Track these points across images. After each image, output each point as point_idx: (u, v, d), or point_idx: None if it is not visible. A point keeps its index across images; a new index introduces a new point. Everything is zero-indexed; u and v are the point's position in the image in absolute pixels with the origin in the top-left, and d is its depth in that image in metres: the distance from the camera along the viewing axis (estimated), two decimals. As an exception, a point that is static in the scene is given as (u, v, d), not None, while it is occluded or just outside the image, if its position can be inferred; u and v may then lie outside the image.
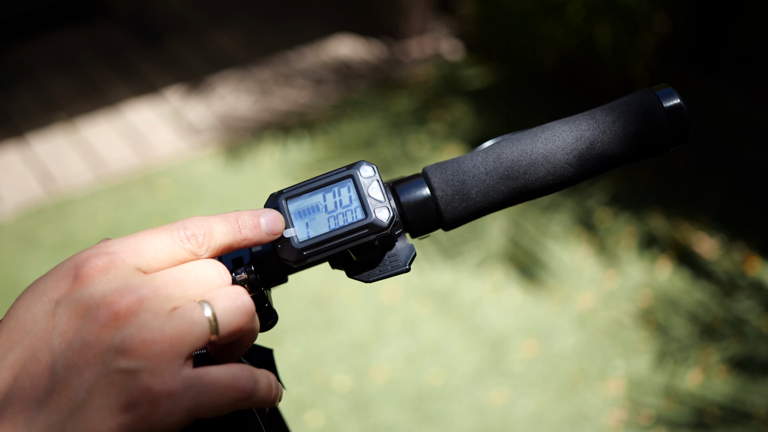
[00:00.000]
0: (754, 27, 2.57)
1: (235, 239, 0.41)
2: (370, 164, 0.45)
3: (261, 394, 0.38)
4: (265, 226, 0.42)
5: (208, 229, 0.40)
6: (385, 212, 0.44)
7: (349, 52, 3.54)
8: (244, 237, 0.41)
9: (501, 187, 0.48)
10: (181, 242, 0.39)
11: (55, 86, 3.38)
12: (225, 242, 0.41)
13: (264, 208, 0.43)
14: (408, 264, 0.46)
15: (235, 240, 0.41)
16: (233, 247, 0.41)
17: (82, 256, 0.37)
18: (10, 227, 2.69)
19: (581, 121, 0.48)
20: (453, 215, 0.48)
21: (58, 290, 0.36)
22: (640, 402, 2.00)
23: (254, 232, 0.42)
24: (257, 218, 0.42)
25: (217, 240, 0.40)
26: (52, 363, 0.34)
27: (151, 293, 0.36)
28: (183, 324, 0.35)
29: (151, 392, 0.34)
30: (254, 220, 0.42)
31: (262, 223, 0.42)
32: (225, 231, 0.41)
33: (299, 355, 2.17)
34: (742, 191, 2.63)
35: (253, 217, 0.42)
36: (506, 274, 2.38)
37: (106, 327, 0.34)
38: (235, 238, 0.41)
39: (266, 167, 2.87)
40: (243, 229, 0.41)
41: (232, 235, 0.41)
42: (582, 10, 2.65)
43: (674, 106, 0.47)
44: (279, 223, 0.43)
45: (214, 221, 0.41)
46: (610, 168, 0.49)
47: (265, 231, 0.42)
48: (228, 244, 0.41)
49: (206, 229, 0.40)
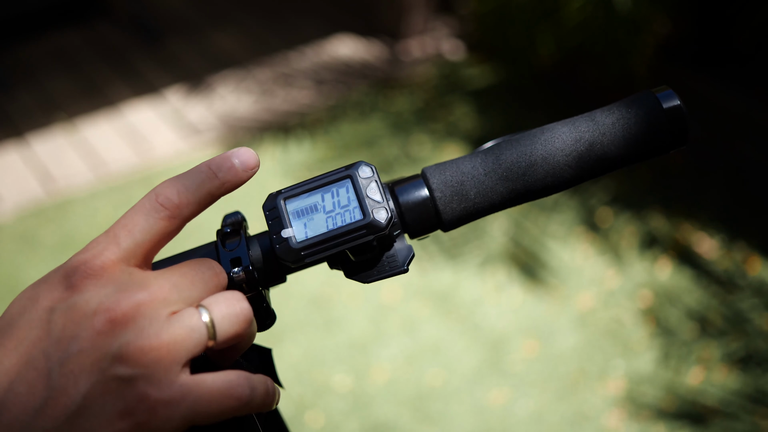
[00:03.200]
0: (755, 27, 2.57)
1: (212, 185, 0.40)
2: (368, 165, 0.45)
3: (258, 401, 0.38)
4: (239, 163, 0.41)
5: (180, 186, 0.39)
6: (384, 213, 0.44)
7: (349, 52, 3.54)
8: (222, 181, 0.40)
9: (500, 188, 0.48)
10: (156, 213, 0.38)
11: (55, 86, 3.38)
12: (203, 192, 0.40)
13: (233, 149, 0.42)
14: (406, 265, 0.46)
15: (213, 186, 0.40)
16: (214, 195, 0.40)
17: (74, 261, 0.37)
18: (10, 227, 2.69)
19: (580, 122, 0.48)
20: (451, 216, 0.48)
21: (53, 296, 0.36)
22: (640, 402, 2.00)
23: (231, 173, 0.40)
24: (229, 158, 0.40)
25: (194, 193, 0.39)
26: (48, 370, 0.34)
27: (147, 298, 0.35)
28: (180, 330, 0.35)
29: (148, 400, 0.33)
30: (227, 161, 0.40)
31: (235, 162, 0.41)
32: (200, 181, 0.40)
33: (299, 355, 2.17)
34: (742, 191, 2.63)
35: (225, 158, 0.40)
36: (506, 273, 2.38)
37: (102, 334, 0.34)
38: (213, 184, 0.40)
39: (266, 167, 2.87)
40: (218, 173, 0.40)
41: (208, 182, 0.40)
42: (582, 11, 2.65)
43: (674, 107, 0.47)
44: (252, 157, 0.41)
45: (186, 175, 0.40)
46: (609, 170, 0.48)
47: (240, 168, 0.41)
48: (207, 192, 0.40)
49: (178, 186, 0.39)
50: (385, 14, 3.56)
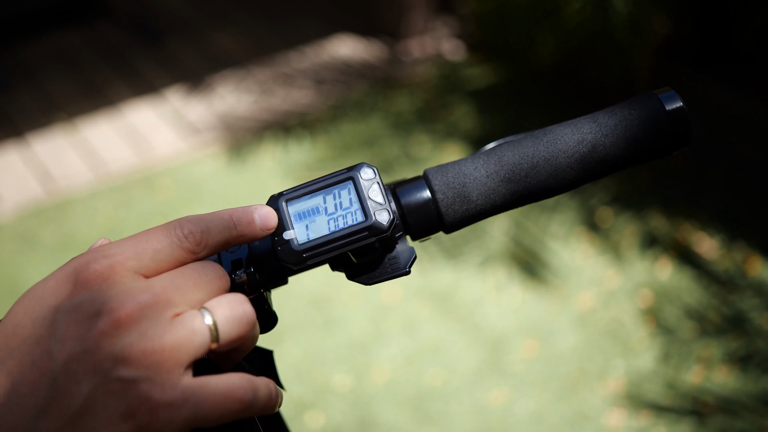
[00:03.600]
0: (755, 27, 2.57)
1: (231, 236, 0.41)
2: (370, 166, 0.45)
3: (260, 404, 0.38)
4: (260, 221, 0.42)
5: (204, 226, 0.40)
6: (386, 215, 0.44)
7: (349, 52, 3.54)
8: (240, 233, 0.41)
9: (502, 190, 0.48)
10: (179, 242, 0.39)
11: (55, 86, 3.38)
12: (221, 239, 0.41)
13: (257, 204, 0.43)
14: (408, 266, 0.46)
15: (231, 236, 0.41)
16: (230, 244, 0.41)
17: (81, 261, 0.37)
18: (10, 227, 2.69)
19: (583, 124, 0.48)
20: (454, 218, 0.48)
21: (58, 296, 0.36)
22: (640, 402, 2.00)
23: (249, 228, 0.42)
24: (251, 214, 0.42)
25: (214, 237, 0.40)
26: (51, 370, 0.34)
27: (151, 300, 0.35)
28: (183, 333, 0.35)
29: (150, 402, 0.33)
30: (248, 216, 0.42)
31: (256, 219, 0.42)
32: (221, 228, 0.41)
33: (299, 355, 2.17)
34: (742, 191, 2.63)
35: (247, 213, 0.42)
36: (507, 273, 2.38)
37: (106, 335, 0.34)
38: (231, 235, 0.41)
39: (267, 167, 2.87)
40: (238, 225, 0.41)
41: (228, 231, 0.41)
42: (582, 11, 2.65)
43: (677, 109, 0.47)
44: (272, 218, 0.43)
45: (210, 218, 0.41)
46: (612, 171, 0.48)
47: (259, 227, 0.42)
48: (225, 240, 0.41)
49: (203, 226, 0.40)
50: (385, 14, 3.56)
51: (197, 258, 0.40)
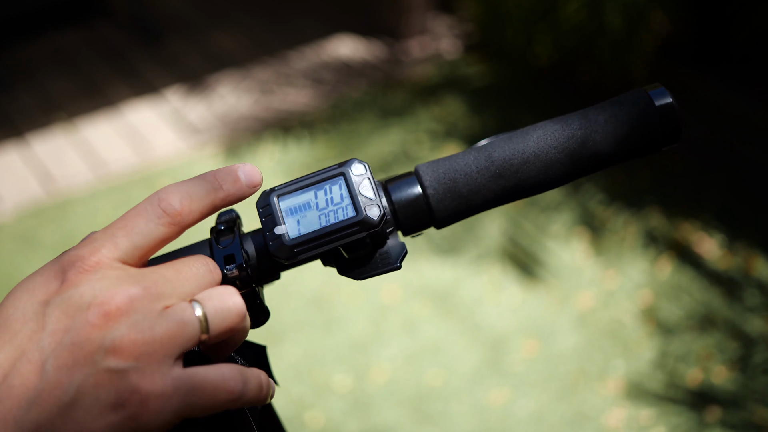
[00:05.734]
0: (755, 27, 2.56)
1: (217, 197, 0.40)
2: (361, 162, 0.45)
3: (251, 394, 0.38)
4: (245, 178, 0.42)
5: (184, 192, 0.39)
6: (376, 210, 0.44)
7: (349, 52, 3.54)
8: (227, 193, 0.41)
9: (492, 185, 0.48)
10: (157, 218, 0.38)
11: (55, 86, 3.38)
12: (206, 202, 0.40)
13: (239, 163, 0.43)
14: (399, 261, 0.46)
15: (217, 197, 0.40)
16: (216, 206, 0.41)
17: (70, 255, 0.37)
18: (10, 227, 2.69)
19: (573, 119, 0.48)
20: (444, 213, 0.48)
21: (48, 290, 0.36)
22: (640, 402, 2.00)
23: (235, 186, 0.41)
24: (235, 172, 0.41)
25: (198, 202, 0.40)
26: (41, 362, 0.34)
27: (141, 292, 0.35)
28: (173, 324, 0.35)
29: (140, 392, 0.34)
30: (233, 174, 0.41)
31: (241, 176, 0.41)
32: (204, 190, 0.40)
33: (299, 355, 2.17)
34: (742, 191, 2.62)
35: (231, 171, 0.41)
36: (506, 274, 2.38)
37: (96, 327, 0.34)
38: (217, 196, 0.40)
39: (266, 167, 2.87)
40: (223, 184, 0.41)
41: (213, 193, 0.40)
42: (581, 11, 2.65)
43: (666, 105, 0.47)
44: (257, 175, 0.42)
45: (191, 183, 0.40)
46: (602, 167, 0.49)
47: (245, 183, 0.42)
48: (210, 203, 0.40)
49: (181, 194, 0.39)
50: (385, 14, 3.57)
51: (182, 227, 0.39)
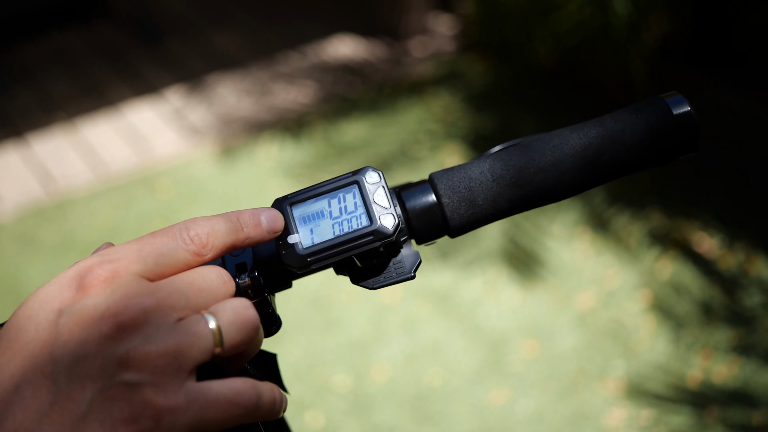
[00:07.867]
0: (754, 27, 2.57)
1: (237, 238, 0.41)
2: (375, 170, 0.45)
3: (264, 409, 0.37)
4: (266, 223, 0.42)
5: (210, 228, 0.40)
6: (390, 219, 0.43)
7: (349, 52, 3.54)
8: (247, 235, 0.41)
9: (508, 194, 0.47)
10: (185, 244, 0.38)
11: (55, 86, 3.38)
12: (228, 241, 0.40)
13: (263, 207, 0.43)
14: (413, 271, 0.46)
15: (238, 239, 0.41)
16: (236, 246, 0.41)
17: (85, 265, 0.36)
18: (10, 227, 2.69)
19: (590, 128, 0.48)
20: (459, 222, 0.48)
21: (61, 300, 0.35)
22: (640, 402, 2.00)
23: (256, 231, 0.42)
24: (258, 216, 0.42)
25: (220, 239, 0.40)
26: (54, 374, 0.33)
27: (155, 304, 0.35)
28: (187, 337, 0.35)
29: (153, 407, 0.33)
30: (255, 218, 0.42)
31: (263, 221, 0.42)
32: (227, 230, 0.40)
33: (299, 355, 2.17)
34: (742, 191, 2.63)
35: (254, 215, 0.42)
36: (506, 273, 2.38)
37: (109, 339, 0.34)
38: (238, 237, 0.41)
39: (266, 167, 2.87)
40: (245, 227, 0.41)
41: (234, 234, 0.41)
42: (580, 11, 2.65)
43: (684, 113, 0.47)
44: (279, 221, 0.43)
45: (216, 220, 0.40)
46: (619, 176, 0.48)
47: (266, 229, 0.42)
48: (231, 243, 0.41)
49: (209, 228, 0.40)
50: (385, 14, 3.56)
51: (203, 260, 0.39)
